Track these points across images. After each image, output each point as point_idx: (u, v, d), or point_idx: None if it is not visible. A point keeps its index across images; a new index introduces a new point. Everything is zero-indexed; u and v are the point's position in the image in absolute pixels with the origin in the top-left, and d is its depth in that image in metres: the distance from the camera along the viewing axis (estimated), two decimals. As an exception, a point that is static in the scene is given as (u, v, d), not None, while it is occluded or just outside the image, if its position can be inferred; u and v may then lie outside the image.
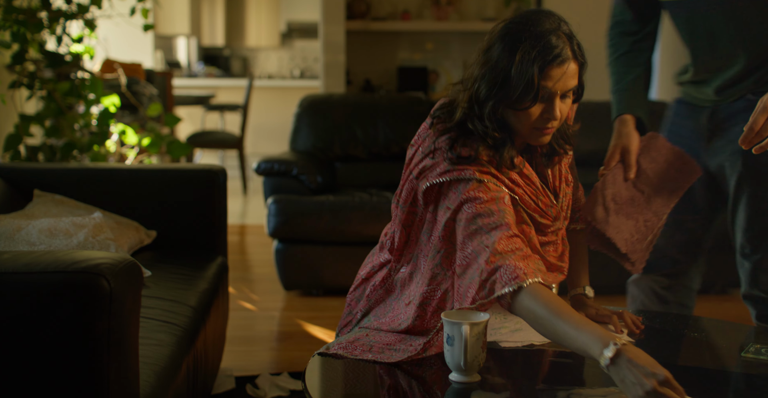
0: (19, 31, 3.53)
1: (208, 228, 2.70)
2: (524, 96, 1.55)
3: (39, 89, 3.68)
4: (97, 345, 1.40)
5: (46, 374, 1.40)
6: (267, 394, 2.62)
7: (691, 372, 1.62)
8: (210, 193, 2.69)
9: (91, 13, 3.81)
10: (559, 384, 1.54)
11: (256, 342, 3.23)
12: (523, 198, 1.66)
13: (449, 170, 1.62)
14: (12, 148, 3.55)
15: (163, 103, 6.06)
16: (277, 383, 2.70)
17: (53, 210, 2.44)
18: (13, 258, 1.45)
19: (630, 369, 1.30)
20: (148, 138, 3.90)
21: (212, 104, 8.20)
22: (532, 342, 1.68)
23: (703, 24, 1.95)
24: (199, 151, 7.51)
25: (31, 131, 3.83)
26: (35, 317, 1.39)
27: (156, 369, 1.69)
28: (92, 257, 1.44)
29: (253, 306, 3.70)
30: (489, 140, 1.61)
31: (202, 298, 2.25)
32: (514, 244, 1.52)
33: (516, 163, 1.64)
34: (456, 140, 1.63)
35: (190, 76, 9.72)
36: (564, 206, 1.74)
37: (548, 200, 1.70)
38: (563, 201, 1.74)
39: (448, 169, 1.62)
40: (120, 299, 1.42)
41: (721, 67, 1.98)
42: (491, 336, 1.69)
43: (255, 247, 5.01)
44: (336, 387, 1.56)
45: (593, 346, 1.34)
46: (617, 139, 1.91)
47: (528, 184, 1.67)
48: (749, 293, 2.12)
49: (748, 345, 1.68)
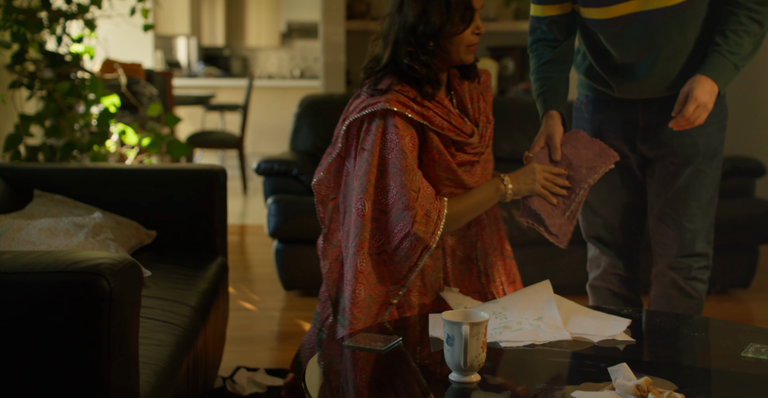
0: (19, 31, 3.53)
1: (208, 229, 2.70)
2: (461, 21, 1.93)
3: (39, 89, 3.68)
4: (97, 345, 1.40)
5: (46, 374, 1.40)
6: (245, 390, 2.63)
7: (691, 372, 1.62)
8: (210, 193, 2.69)
9: (91, 13, 3.81)
10: (559, 384, 1.54)
11: (256, 342, 3.23)
12: (434, 119, 1.95)
13: (364, 106, 1.93)
14: (12, 148, 3.55)
15: (163, 103, 6.06)
16: (253, 379, 2.71)
17: (53, 210, 2.44)
18: (13, 258, 1.45)
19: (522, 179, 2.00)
20: (148, 138, 3.90)
21: (212, 104, 8.20)
22: (532, 342, 1.68)
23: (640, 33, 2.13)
24: (199, 151, 7.51)
25: (31, 131, 3.83)
26: (35, 317, 1.39)
27: (156, 369, 1.69)
28: (92, 257, 1.44)
29: (253, 306, 3.70)
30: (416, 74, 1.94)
31: (202, 298, 2.25)
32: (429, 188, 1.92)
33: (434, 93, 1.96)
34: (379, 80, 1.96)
35: (190, 76, 9.72)
36: (485, 135, 2.09)
37: (461, 119, 2.01)
38: (483, 129, 2.09)
39: (363, 105, 1.94)
40: (120, 299, 1.42)
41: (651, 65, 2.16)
42: (491, 337, 1.69)
43: (255, 247, 5.01)
44: (336, 387, 1.56)
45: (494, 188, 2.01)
46: (544, 128, 2.19)
47: (438, 107, 1.97)
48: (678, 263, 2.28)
49: (748, 345, 1.68)
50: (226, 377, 2.74)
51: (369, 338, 1.71)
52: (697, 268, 2.25)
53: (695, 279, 2.26)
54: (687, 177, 2.22)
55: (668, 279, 2.27)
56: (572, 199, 2.10)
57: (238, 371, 2.78)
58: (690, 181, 2.22)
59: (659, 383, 1.46)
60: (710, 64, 2.07)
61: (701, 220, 2.25)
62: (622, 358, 1.63)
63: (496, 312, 1.81)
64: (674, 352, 1.75)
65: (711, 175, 2.23)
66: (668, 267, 2.27)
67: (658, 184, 2.27)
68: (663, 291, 2.28)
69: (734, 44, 2.06)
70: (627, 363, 1.47)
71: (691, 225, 2.24)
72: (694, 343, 1.81)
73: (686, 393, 1.40)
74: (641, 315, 1.95)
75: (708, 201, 2.25)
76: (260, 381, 2.70)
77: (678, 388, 1.45)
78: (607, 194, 2.35)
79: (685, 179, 2.22)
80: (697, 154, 2.20)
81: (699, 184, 2.23)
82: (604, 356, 1.65)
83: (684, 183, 2.22)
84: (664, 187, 2.26)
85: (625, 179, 2.33)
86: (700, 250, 2.26)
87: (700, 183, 2.22)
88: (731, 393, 1.53)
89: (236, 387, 2.66)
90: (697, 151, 2.20)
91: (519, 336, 1.70)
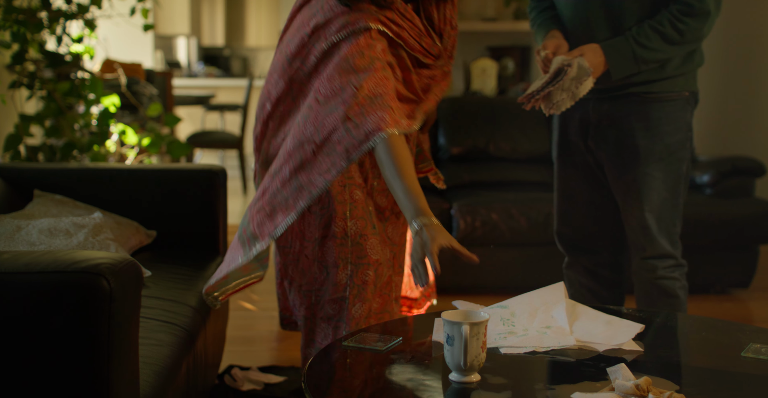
0: (19, 31, 3.53)
1: (208, 228, 2.70)
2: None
3: (39, 89, 3.68)
4: (97, 345, 1.40)
5: (46, 374, 1.40)
6: (243, 385, 2.64)
7: (692, 372, 1.62)
8: (210, 193, 2.69)
9: (91, 13, 3.81)
10: (559, 384, 1.54)
11: (256, 342, 3.23)
12: (408, 41, 1.97)
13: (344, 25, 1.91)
14: (12, 148, 3.55)
15: (163, 103, 6.06)
16: (248, 377, 2.71)
17: (53, 210, 2.44)
18: (13, 258, 1.45)
19: (422, 241, 1.69)
20: (148, 138, 3.90)
21: (212, 104, 8.20)
22: (534, 349, 1.66)
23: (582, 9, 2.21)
24: (199, 151, 7.51)
25: (31, 131, 3.83)
26: (35, 317, 1.39)
27: (156, 369, 1.69)
28: (92, 257, 1.44)
29: (253, 306, 3.70)
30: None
31: (203, 298, 2.25)
32: (380, 88, 1.85)
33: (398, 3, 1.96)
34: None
35: (190, 76, 9.72)
36: (448, 46, 2.11)
37: (431, 41, 2.05)
38: (447, 42, 2.10)
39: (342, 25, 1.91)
40: (120, 299, 1.42)
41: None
42: (495, 342, 1.68)
43: (255, 247, 5.00)
44: (336, 387, 1.56)
45: (408, 213, 1.78)
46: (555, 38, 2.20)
47: (411, 27, 1.98)
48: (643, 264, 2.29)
49: (748, 345, 1.68)
50: (220, 373, 2.74)
51: (369, 338, 1.71)
52: (664, 268, 2.23)
53: (666, 278, 2.24)
54: (634, 179, 2.21)
55: (641, 278, 2.28)
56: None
57: (234, 368, 2.78)
58: (638, 184, 2.20)
59: (659, 383, 1.46)
60: (611, 42, 2.12)
61: (656, 223, 2.22)
62: (622, 358, 1.62)
63: (504, 319, 1.77)
64: (674, 352, 1.74)
65: (662, 179, 2.20)
66: (637, 266, 2.28)
67: (611, 184, 2.29)
68: (641, 287, 2.29)
69: (644, 36, 2.09)
70: (626, 363, 1.47)
71: (647, 228, 2.22)
72: (694, 343, 1.81)
73: (686, 393, 1.40)
74: (658, 319, 1.93)
75: (661, 204, 2.21)
76: (255, 379, 2.71)
77: (678, 388, 1.45)
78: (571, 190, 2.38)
79: (633, 182, 2.21)
80: (640, 156, 2.19)
81: (648, 188, 2.20)
82: (604, 356, 1.65)
83: (632, 186, 2.21)
84: (615, 189, 2.27)
85: (588, 176, 2.34)
86: (663, 251, 2.24)
87: (649, 186, 2.20)
88: (731, 393, 1.53)
89: (235, 384, 2.66)
90: (640, 153, 2.19)
91: (522, 342, 1.67)
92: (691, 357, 1.72)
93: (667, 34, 2.09)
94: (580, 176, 2.35)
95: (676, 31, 2.09)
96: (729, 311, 3.66)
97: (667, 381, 1.49)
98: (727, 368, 1.63)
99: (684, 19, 2.09)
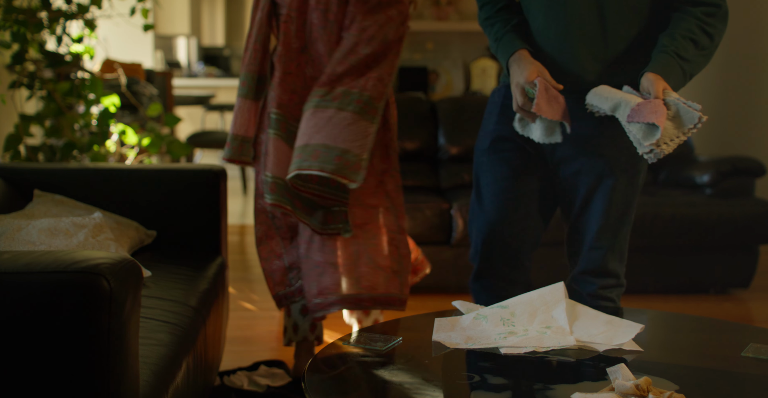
0: (19, 31, 3.52)
1: (208, 228, 2.70)
2: None
3: (39, 89, 3.68)
4: (97, 345, 1.40)
5: (46, 374, 1.40)
6: (244, 385, 2.64)
7: (692, 372, 1.62)
8: (210, 193, 2.69)
9: (91, 13, 3.81)
10: (558, 384, 1.54)
11: (256, 342, 3.23)
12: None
13: None
14: (12, 148, 3.55)
15: (163, 103, 6.06)
16: (252, 378, 2.72)
17: (53, 210, 2.44)
18: (13, 258, 1.45)
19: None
20: (148, 138, 3.90)
21: (212, 104, 8.20)
22: (534, 350, 1.66)
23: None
24: (199, 151, 7.51)
25: (31, 131, 3.83)
26: (35, 317, 1.39)
27: (156, 369, 1.69)
28: (92, 257, 1.44)
29: (253, 306, 3.70)
30: None
31: (202, 298, 2.25)
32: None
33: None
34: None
35: (190, 76, 9.71)
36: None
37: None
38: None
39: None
40: (120, 299, 1.42)
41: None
42: (495, 342, 1.68)
43: (255, 247, 5.00)
44: (335, 387, 1.56)
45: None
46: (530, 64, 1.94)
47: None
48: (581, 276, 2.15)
49: (748, 345, 1.68)
50: (223, 372, 2.74)
51: (369, 338, 1.71)
52: (603, 287, 2.10)
53: (602, 298, 2.11)
54: (593, 192, 2.06)
55: (575, 292, 2.13)
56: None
57: (237, 371, 2.78)
58: (597, 197, 2.06)
59: (659, 383, 1.46)
60: (659, 63, 1.89)
61: (609, 239, 2.08)
62: (622, 358, 1.62)
63: (504, 319, 1.78)
64: (674, 352, 1.74)
65: (623, 192, 2.06)
66: (572, 280, 2.15)
67: (564, 193, 2.12)
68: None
69: (683, 49, 1.90)
70: (626, 363, 1.47)
71: (598, 243, 2.08)
72: (694, 343, 1.81)
73: (686, 393, 1.40)
74: (658, 319, 1.94)
75: (617, 220, 2.08)
76: (258, 380, 2.71)
77: (678, 388, 1.45)
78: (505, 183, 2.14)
79: (592, 194, 2.06)
80: (605, 168, 2.04)
81: (608, 201, 2.05)
82: (604, 356, 1.65)
83: (590, 198, 2.07)
84: (570, 199, 2.11)
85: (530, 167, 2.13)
86: (609, 269, 2.10)
87: (609, 200, 2.05)
88: (731, 393, 1.53)
89: (236, 383, 2.66)
90: (604, 165, 2.03)
91: (522, 342, 1.67)
92: (691, 357, 1.73)
93: (700, 41, 1.91)
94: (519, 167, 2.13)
95: (707, 37, 1.92)
96: (729, 311, 3.66)
97: (667, 381, 1.49)
98: (727, 368, 1.63)
99: (711, 21, 1.92)
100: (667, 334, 1.86)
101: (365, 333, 1.75)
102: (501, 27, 2.04)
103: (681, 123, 1.82)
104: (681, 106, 1.82)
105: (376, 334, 1.74)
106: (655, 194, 3.93)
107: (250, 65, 2.53)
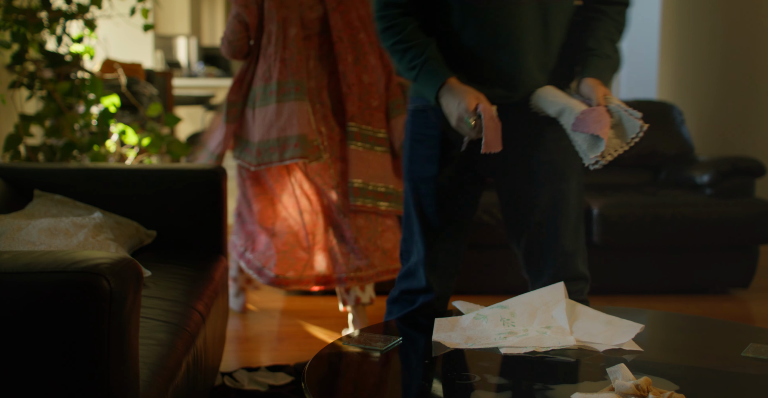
0: (19, 31, 3.52)
1: (208, 228, 2.70)
2: None
3: (39, 89, 3.68)
4: (97, 345, 1.40)
5: (46, 374, 1.40)
6: (245, 385, 2.64)
7: (692, 372, 1.62)
8: (210, 193, 2.69)
9: (91, 13, 3.81)
10: (558, 384, 1.54)
11: (256, 342, 3.23)
12: None
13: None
14: (12, 148, 3.55)
15: (163, 103, 6.06)
16: (254, 378, 2.72)
17: (53, 210, 2.44)
18: (13, 258, 1.45)
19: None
20: (148, 138, 3.90)
21: (212, 104, 8.20)
22: (534, 350, 1.66)
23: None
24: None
25: (31, 131, 3.83)
26: (35, 317, 1.39)
27: (156, 369, 1.69)
28: (92, 257, 1.44)
29: (253, 306, 3.70)
30: None
31: (202, 298, 2.25)
32: None
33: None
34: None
35: (190, 76, 9.72)
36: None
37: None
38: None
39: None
40: (120, 299, 1.42)
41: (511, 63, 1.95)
42: (495, 342, 1.68)
43: (255, 247, 5.00)
44: (335, 387, 1.56)
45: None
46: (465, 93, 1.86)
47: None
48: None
49: (748, 345, 1.68)
50: (225, 373, 2.74)
51: (369, 338, 1.71)
52: (576, 292, 2.05)
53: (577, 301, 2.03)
54: (550, 197, 2.03)
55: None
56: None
57: (238, 370, 2.78)
58: (555, 202, 2.03)
59: (659, 383, 1.46)
60: (595, 68, 1.92)
61: (574, 242, 2.06)
62: (622, 358, 1.62)
63: (504, 319, 1.77)
64: (674, 352, 1.74)
65: (575, 193, 2.05)
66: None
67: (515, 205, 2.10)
68: None
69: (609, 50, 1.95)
70: (626, 363, 1.47)
71: (566, 248, 2.05)
72: (694, 343, 1.81)
73: (686, 393, 1.40)
74: (658, 319, 1.94)
75: (576, 221, 2.07)
76: (260, 380, 2.71)
77: (678, 388, 1.45)
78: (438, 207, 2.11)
79: (549, 200, 2.03)
80: (555, 172, 2.02)
81: (566, 204, 2.04)
82: (604, 356, 1.65)
83: (549, 204, 2.03)
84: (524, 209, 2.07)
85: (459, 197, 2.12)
86: (580, 272, 2.08)
87: (566, 203, 2.04)
88: (731, 393, 1.53)
89: (237, 384, 2.66)
90: (555, 168, 2.02)
91: (522, 342, 1.67)
92: (691, 357, 1.73)
93: (615, 40, 1.98)
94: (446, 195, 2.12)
95: (619, 34, 1.99)
96: (729, 311, 3.66)
97: (667, 381, 1.49)
98: (727, 368, 1.63)
99: (621, 19, 1.99)
100: (667, 334, 1.86)
101: (365, 333, 1.76)
102: (417, 53, 1.93)
103: (623, 132, 1.82)
104: (623, 114, 1.83)
105: (376, 334, 1.74)
106: (655, 194, 3.93)
107: (296, 74, 2.97)
